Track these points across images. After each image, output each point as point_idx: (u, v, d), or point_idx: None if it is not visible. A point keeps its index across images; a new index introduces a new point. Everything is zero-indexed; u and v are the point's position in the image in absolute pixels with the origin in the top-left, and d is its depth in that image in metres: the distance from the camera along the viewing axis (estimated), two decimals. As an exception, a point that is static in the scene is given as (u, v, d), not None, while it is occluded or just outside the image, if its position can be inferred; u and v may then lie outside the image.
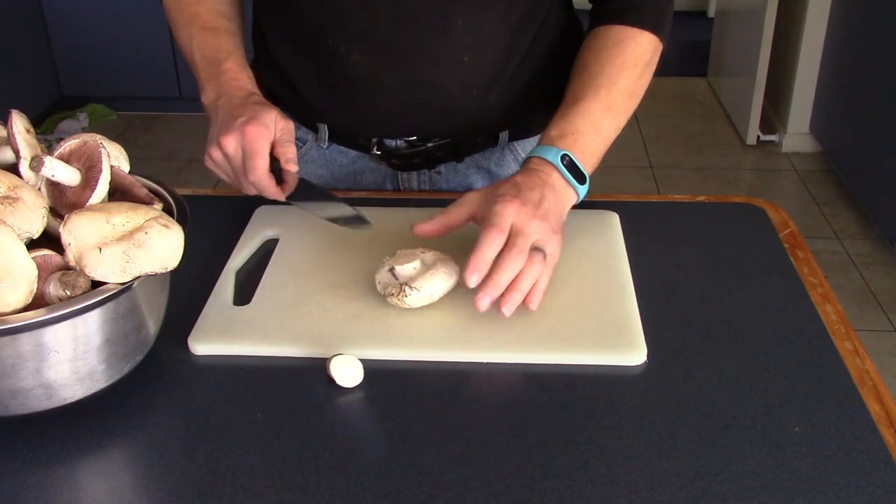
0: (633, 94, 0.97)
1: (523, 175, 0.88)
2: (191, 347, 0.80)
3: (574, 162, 0.90)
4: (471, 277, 0.78)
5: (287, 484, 0.66)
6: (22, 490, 0.66)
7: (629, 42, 0.96)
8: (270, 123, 0.88)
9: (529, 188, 0.85)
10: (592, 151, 0.93)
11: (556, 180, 0.88)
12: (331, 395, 0.75)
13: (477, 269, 0.78)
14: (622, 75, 0.95)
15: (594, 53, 0.97)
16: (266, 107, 0.90)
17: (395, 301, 0.82)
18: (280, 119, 0.89)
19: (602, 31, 0.98)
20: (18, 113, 0.74)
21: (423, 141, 1.06)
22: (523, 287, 0.79)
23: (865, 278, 2.59)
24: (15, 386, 0.66)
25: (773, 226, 0.99)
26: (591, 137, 0.92)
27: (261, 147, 0.87)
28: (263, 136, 0.87)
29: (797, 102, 3.29)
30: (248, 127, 0.87)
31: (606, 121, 0.94)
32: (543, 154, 0.90)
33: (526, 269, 0.80)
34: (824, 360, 0.78)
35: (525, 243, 0.80)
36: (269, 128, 0.88)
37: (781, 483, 0.65)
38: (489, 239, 0.80)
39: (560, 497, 0.64)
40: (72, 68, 3.60)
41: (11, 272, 0.64)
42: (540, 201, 0.84)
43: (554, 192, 0.87)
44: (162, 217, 0.70)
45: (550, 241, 0.83)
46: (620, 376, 0.76)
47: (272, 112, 0.89)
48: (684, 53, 4.32)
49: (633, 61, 0.96)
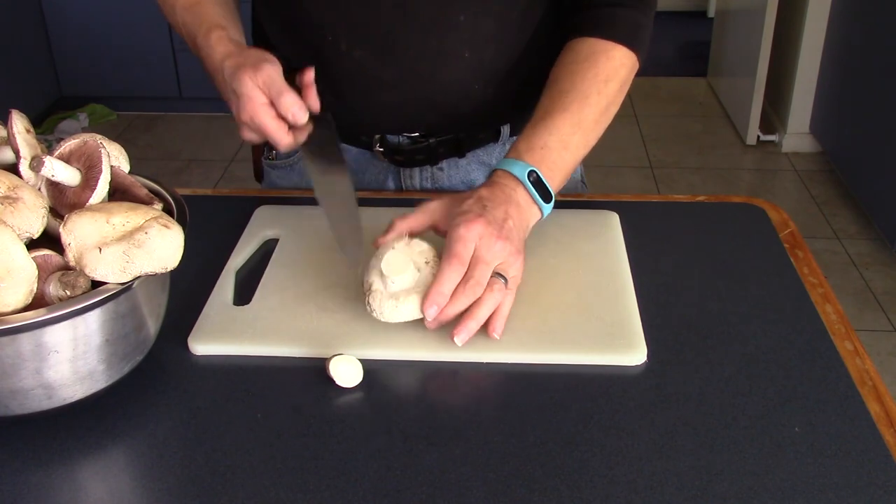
0: (605, 110, 0.94)
1: (488, 189, 0.86)
2: (191, 347, 0.80)
3: (541, 178, 0.88)
4: (428, 311, 0.78)
5: (287, 484, 0.66)
6: (22, 490, 0.66)
7: (601, 56, 0.94)
8: (247, 97, 0.86)
9: (494, 205, 0.83)
10: (560, 168, 0.90)
11: (521, 196, 0.86)
12: (331, 395, 0.75)
13: (435, 303, 0.78)
14: (593, 90, 0.92)
15: (565, 68, 0.95)
16: (235, 76, 0.87)
17: (370, 308, 0.80)
18: (256, 74, 0.86)
19: (574, 44, 0.96)
20: (18, 113, 0.74)
21: (425, 137, 1.06)
22: (480, 316, 0.78)
23: (865, 278, 2.59)
24: (15, 386, 0.66)
25: (773, 226, 0.99)
26: (560, 154, 0.90)
27: (262, 122, 0.87)
28: (256, 112, 0.86)
29: (797, 102, 3.29)
30: (242, 116, 0.87)
31: (576, 137, 0.91)
32: (510, 168, 0.88)
33: (485, 297, 0.79)
34: (824, 360, 0.78)
35: (484, 274, 0.79)
36: (253, 98, 0.86)
37: (781, 483, 0.65)
38: (449, 270, 0.78)
39: (560, 497, 0.64)
40: (72, 68, 3.60)
41: (11, 272, 0.64)
42: (504, 220, 0.82)
43: (518, 210, 0.85)
44: (162, 217, 0.70)
45: (514, 263, 0.81)
46: (620, 376, 0.76)
47: (242, 78, 0.86)
48: (684, 53, 4.32)
49: (604, 76, 0.93)
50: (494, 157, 1.11)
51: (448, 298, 0.78)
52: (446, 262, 0.79)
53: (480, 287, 0.79)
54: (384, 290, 0.80)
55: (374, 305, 0.79)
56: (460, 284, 0.79)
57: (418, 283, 0.80)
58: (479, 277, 0.79)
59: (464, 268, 0.79)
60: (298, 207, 1.01)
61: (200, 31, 0.95)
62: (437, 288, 0.78)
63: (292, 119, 0.87)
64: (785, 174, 3.24)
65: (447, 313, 0.78)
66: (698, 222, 1.01)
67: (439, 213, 0.86)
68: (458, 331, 0.78)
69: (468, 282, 0.78)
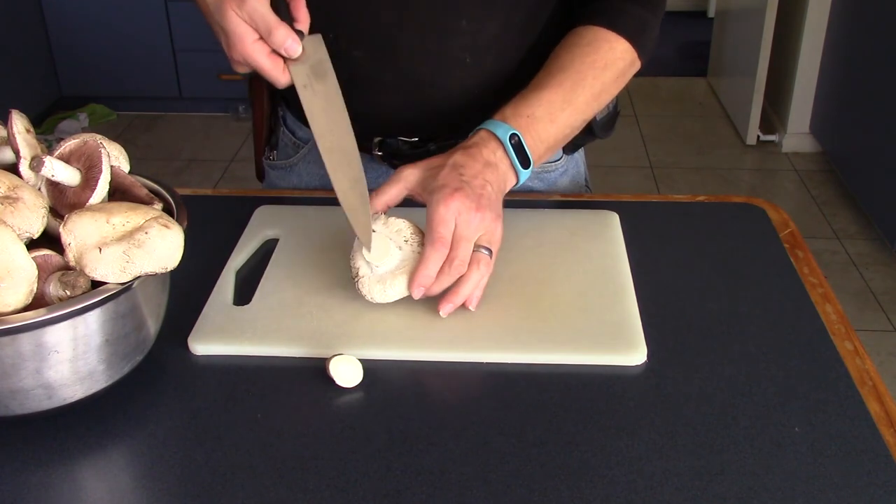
0: (598, 96, 0.95)
1: (465, 153, 0.86)
2: (191, 347, 0.80)
3: (522, 144, 0.88)
4: (415, 292, 0.81)
5: (287, 484, 0.66)
6: (22, 490, 0.66)
7: (602, 44, 0.95)
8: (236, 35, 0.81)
9: (471, 173, 0.84)
10: (543, 139, 0.90)
11: (500, 159, 0.87)
12: (331, 395, 0.75)
13: (422, 284, 0.81)
14: (590, 74, 0.93)
15: (566, 50, 0.96)
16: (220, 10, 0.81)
17: (360, 292, 0.83)
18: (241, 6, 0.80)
19: (579, 30, 0.97)
20: (18, 113, 0.74)
21: (425, 142, 1.06)
22: (464, 292, 0.82)
23: (865, 278, 2.59)
24: (15, 386, 0.66)
25: (773, 226, 0.99)
26: (545, 126, 0.90)
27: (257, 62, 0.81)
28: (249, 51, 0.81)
29: (797, 102, 3.29)
30: (233, 55, 0.82)
31: (564, 114, 0.92)
32: (492, 128, 0.88)
33: (471, 273, 0.82)
34: (824, 360, 0.78)
35: (467, 251, 0.82)
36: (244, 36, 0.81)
37: (781, 483, 0.65)
38: (433, 253, 0.81)
39: (560, 497, 0.64)
40: (72, 68, 3.60)
41: (11, 272, 0.64)
42: (482, 189, 0.83)
43: (496, 174, 0.86)
44: (162, 217, 0.70)
45: (494, 231, 0.83)
46: (620, 376, 0.76)
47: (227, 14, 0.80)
48: (684, 53, 4.32)
49: (602, 63, 0.94)
50: None
51: (433, 279, 0.81)
52: (429, 245, 0.81)
53: (464, 265, 0.82)
54: (371, 273, 0.83)
55: (364, 290, 0.82)
56: (445, 264, 0.81)
57: (403, 262, 0.83)
58: (462, 256, 0.82)
59: (446, 249, 0.81)
60: (298, 207, 1.01)
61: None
62: (422, 271, 0.81)
63: (286, 54, 0.83)
64: (785, 174, 3.24)
65: (433, 291, 0.82)
66: (698, 222, 1.01)
67: (413, 182, 0.87)
68: (442, 305, 0.81)
69: (452, 262, 0.81)
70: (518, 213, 0.97)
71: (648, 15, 0.97)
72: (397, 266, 0.83)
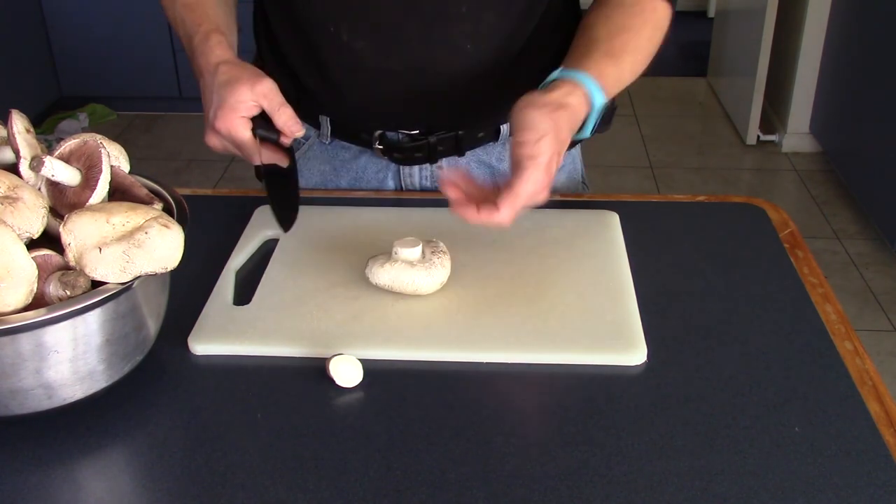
0: (649, 53, 0.98)
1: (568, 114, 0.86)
2: (191, 347, 0.80)
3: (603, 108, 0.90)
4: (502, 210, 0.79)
5: (287, 484, 0.66)
6: (22, 490, 0.66)
7: (647, 4, 0.97)
8: (239, 104, 0.87)
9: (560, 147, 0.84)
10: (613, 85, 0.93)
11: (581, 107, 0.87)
12: (331, 395, 0.75)
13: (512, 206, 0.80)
14: (645, 28, 0.96)
15: (615, 8, 0.97)
16: (230, 85, 0.88)
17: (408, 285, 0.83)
18: (254, 86, 0.88)
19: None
20: (18, 113, 0.74)
21: (425, 135, 1.06)
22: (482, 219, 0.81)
23: (865, 278, 2.59)
24: (15, 386, 0.66)
25: (773, 226, 0.99)
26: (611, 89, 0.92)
27: (238, 134, 0.88)
28: (235, 124, 0.88)
29: (797, 102, 3.29)
30: (217, 123, 0.88)
31: (625, 76, 0.95)
32: (594, 97, 0.88)
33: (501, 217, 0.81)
34: (824, 360, 0.78)
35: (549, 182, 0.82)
36: (238, 109, 0.88)
37: (781, 483, 0.65)
38: (533, 176, 0.80)
39: (560, 497, 0.64)
40: (72, 68, 3.60)
41: (11, 272, 0.64)
42: (565, 142, 0.84)
43: (576, 118, 0.87)
44: (162, 217, 0.70)
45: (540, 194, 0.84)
46: (620, 376, 0.76)
47: (238, 88, 0.88)
48: (684, 53, 4.32)
49: (652, 23, 0.97)
50: (494, 156, 1.11)
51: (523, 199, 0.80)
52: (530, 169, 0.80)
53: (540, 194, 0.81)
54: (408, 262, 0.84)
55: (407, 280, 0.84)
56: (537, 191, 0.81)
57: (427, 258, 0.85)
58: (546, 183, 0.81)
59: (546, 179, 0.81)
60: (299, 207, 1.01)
61: (199, 31, 0.95)
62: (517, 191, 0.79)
63: (288, 132, 0.90)
64: (785, 174, 3.24)
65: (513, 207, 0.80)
66: (698, 222, 1.01)
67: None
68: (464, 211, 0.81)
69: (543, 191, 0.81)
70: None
71: None
72: (418, 259, 0.84)
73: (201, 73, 0.93)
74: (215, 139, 0.91)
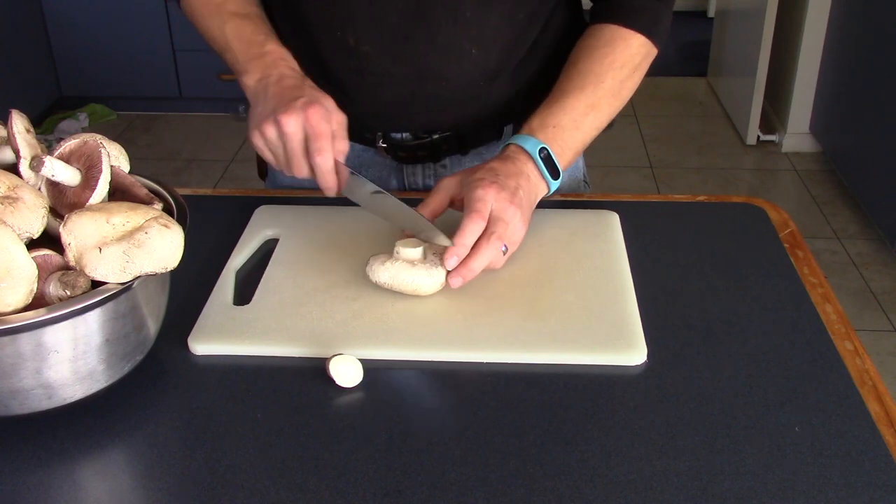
0: (618, 94, 0.98)
1: (500, 162, 0.90)
2: (191, 347, 0.80)
3: (551, 156, 0.92)
4: (449, 260, 0.83)
5: (287, 484, 0.66)
6: (22, 490, 0.66)
7: (619, 43, 0.98)
8: (332, 109, 0.89)
9: (506, 175, 0.88)
10: (570, 147, 0.95)
11: (531, 171, 0.91)
12: (331, 395, 0.75)
13: (457, 254, 0.83)
14: (609, 75, 0.96)
15: (584, 52, 0.99)
16: (323, 93, 0.90)
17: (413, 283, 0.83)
18: (337, 109, 0.90)
19: (595, 29, 1.00)
20: (18, 113, 0.74)
21: (429, 134, 1.07)
22: (475, 266, 0.83)
23: (865, 278, 2.59)
24: (15, 386, 0.66)
25: (773, 226, 0.99)
26: (571, 133, 0.94)
27: (325, 130, 0.87)
28: (327, 119, 0.87)
29: (797, 102, 3.29)
30: (311, 109, 0.86)
31: (588, 118, 0.95)
32: (522, 143, 0.92)
33: (482, 250, 0.84)
34: (824, 360, 0.78)
35: (504, 230, 0.84)
36: (331, 113, 0.88)
37: (781, 483, 0.65)
38: (471, 224, 0.84)
39: (560, 497, 0.64)
40: (72, 68, 3.60)
41: (11, 272, 0.64)
42: (516, 189, 0.87)
43: (528, 183, 0.90)
44: (162, 217, 0.70)
45: (518, 231, 0.87)
46: (620, 376, 0.76)
47: (330, 99, 0.90)
48: (684, 53, 4.32)
49: (620, 62, 0.97)
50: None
51: (469, 250, 0.83)
52: (468, 217, 0.84)
53: (500, 242, 0.84)
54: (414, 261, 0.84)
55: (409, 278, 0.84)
56: (482, 239, 0.84)
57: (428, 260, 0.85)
58: (500, 232, 0.84)
59: (483, 222, 0.84)
60: (299, 207, 1.01)
61: (257, 39, 0.95)
62: (460, 240, 0.83)
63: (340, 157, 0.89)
64: (785, 174, 3.23)
65: (472, 269, 0.83)
66: (698, 222, 1.01)
67: (453, 188, 0.91)
68: (452, 277, 0.83)
69: (491, 237, 0.84)
70: (518, 213, 0.97)
71: (660, 5, 1.00)
72: (419, 260, 0.85)
73: (270, 73, 0.92)
74: (272, 131, 0.88)
